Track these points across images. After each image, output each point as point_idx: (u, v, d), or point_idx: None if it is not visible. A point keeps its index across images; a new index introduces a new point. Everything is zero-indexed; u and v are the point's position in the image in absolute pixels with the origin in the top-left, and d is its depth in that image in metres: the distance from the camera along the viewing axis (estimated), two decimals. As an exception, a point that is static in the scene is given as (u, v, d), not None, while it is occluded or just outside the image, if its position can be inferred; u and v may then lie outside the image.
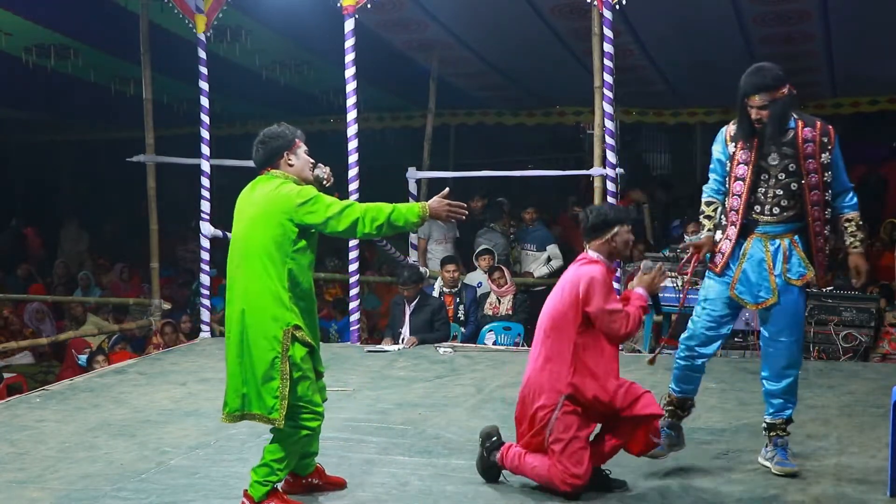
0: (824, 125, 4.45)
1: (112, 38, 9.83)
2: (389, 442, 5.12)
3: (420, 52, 10.84)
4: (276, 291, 3.94)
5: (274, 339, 3.93)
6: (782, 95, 4.37)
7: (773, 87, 4.38)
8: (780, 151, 4.42)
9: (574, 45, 9.98)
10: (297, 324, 3.96)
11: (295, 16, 8.95)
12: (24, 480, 4.54)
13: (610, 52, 7.53)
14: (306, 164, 4.18)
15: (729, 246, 4.52)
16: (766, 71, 4.46)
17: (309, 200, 3.96)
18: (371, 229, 3.91)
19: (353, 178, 8.18)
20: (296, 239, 3.97)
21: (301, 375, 3.96)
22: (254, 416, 4.02)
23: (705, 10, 8.96)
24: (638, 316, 4.28)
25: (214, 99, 8.88)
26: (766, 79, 4.40)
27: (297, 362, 3.95)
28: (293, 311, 3.97)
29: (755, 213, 4.49)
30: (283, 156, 4.12)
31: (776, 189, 4.43)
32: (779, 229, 4.47)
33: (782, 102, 4.37)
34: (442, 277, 8.85)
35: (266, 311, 3.94)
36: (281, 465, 3.98)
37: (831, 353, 7.52)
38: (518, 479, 4.39)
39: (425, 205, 4.00)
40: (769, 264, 4.45)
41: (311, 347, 4.03)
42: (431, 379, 6.77)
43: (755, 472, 4.49)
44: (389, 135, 14.55)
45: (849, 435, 5.11)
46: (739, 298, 4.52)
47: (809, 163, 4.39)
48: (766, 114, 4.37)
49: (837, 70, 11.30)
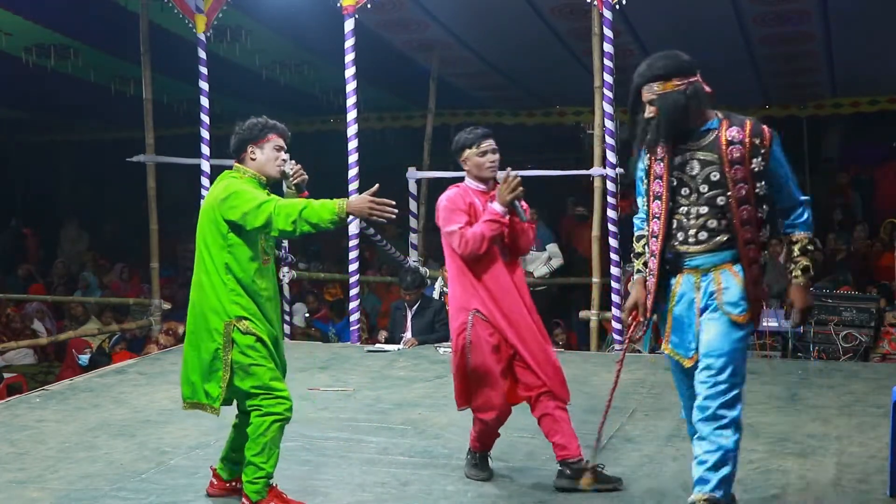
0: (756, 124, 3.56)
1: (112, 38, 9.84)
2: (389, 442, 5.12)
3: (420, 52, 10.84)
4: (216, 284, 3.99)
5: (215, 332, 3.99)
6: (676, 88, 3.51)
7: (662, 76, 3.53)
8: (700, 158, 3.56)
9: (574, 45, 9.98)
10: (240, 315, 3.98)
11: (295, 16, 8.96)
12: (24, 480, 4.54)
13: (610, 52, 7.53)
14: (271, 160, 4.10)
15: (652, 283, 3.68)
16: (658, 58, 3.59)
17: (230, 195, 3.95)
18: (285, 226, 3.83)
19: (353, 178, 8.18)
20: (226, 234, 3.98)
21: (251, 364, 3.97)
22: (203, 406, 4.10)
23: (705, 10, 8.96)
24: (478, 234, 4.20)
25: (214, 99, 8.88)
26: (653, 67, 3.55)
27: (246, 352, 3.97)
28: (237, 303, 3.99)
29: (678, 244, 3.61)
30: (246, 149, 4.10)
31: (700, 206, 3.57)
32: (712, 260, 3.58)
33: (675, 95, 3.50)
34: (443, 277, 8.85)
35: (207, 303, 4.02)
36: (262, 458, 3.98)
37: (831, 353, 7.52)
38: (520, 478, 4.38)
39: (343, 203, 3.85)
40: (698, 307, 3.61)
41: (262, 339, 4.01)
42: (431, 379, 6.77)
43: (755, 471, 4.49)
44: (389, 135, 14.55)
45: (849, 435, 5.10)
46: (674, 353, 3.71)
47: (736, 170, 3.50)
48: (654, 110, 3.55)
49: (837, 70, 11.30)
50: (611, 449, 4.90)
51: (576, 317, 9.13)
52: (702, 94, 3.54)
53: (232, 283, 3.99)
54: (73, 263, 13.53)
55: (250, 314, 4.00)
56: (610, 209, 7.64)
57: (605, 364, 6.99)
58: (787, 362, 7.34)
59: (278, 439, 4.03)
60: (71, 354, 9.05)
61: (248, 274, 4.01)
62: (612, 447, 4.93)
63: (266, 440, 3.97)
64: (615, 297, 7.57)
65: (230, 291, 3.98)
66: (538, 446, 4.97)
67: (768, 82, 12.07)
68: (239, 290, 3.99)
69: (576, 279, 9.77)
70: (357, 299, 8.43)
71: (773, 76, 11.74)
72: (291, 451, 4.95)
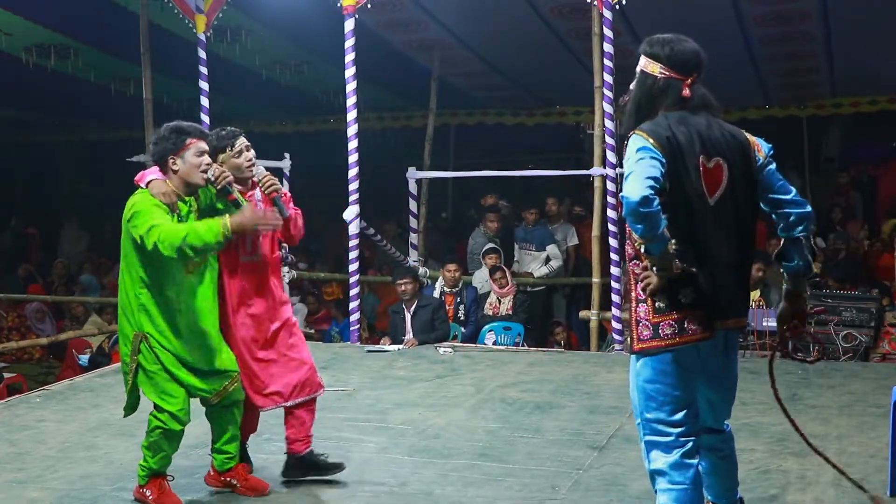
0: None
1: (112, 38, 9.84)
2: (389, 441, 5.12)
3: (420, 52, 10.84)
4: (130, 294, 4.07)
5: (126, 338, 4.10)
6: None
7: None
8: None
9: (574, 45, 9.99)
10: (147, 332, 4.03)
11: (295, 16, 8.96)
12: (24, 480, 4.54)
13: (610, 53, 7.53)
14: (194, 169, 3.99)
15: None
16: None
17: (132, 216, 3.98)
18: (171, 253, 3.84)
19: (354, 179, 8.18)
20: (140, 246, 3.98)
21: (147, 377, 4.06)
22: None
23: (705, 11, 8.96)
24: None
25: (214, 99, 8.88)
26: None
27: (145, 366, 4.06)
28: (146, 316, 4.04)
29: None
30: (167, 161, 4.04)
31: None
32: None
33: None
34: (443, 277, 8.85)
35: (123, 312, 4.13)
36: (149, 452, 4.12)
37: (831, 353, 7.52)
38: (521, 477, 4.39)
39: (227, 221, 3.83)
40: None
41: (160, 357, 4.05)
42: (431, 379, 6.77)
43: (755, 471, 4.49)
44: (390, 135, 14.55)
45: (849, 434, 5.11)
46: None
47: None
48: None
49: (837, 70, 11.31)
50: (610, 448, 4.90)
51: (576, 317, 9.15)
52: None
53: (144, 297, 4.03)
54: (73, 263, 13.53)
55: (158, 330, 4.04)
56: (610, 209, 7.65)
57: (605, 364, 6.99)
58: (786, 362, 7.32)
59: (165, 444, 4.11)
60: (71, 354, 9.05)
61: (162, 287, 4.04)
62: (612, 447, 4.93)
63: (153, 440, 4.10)
64: (615, 297, 7.57)
65: (140, 305, 4.04)
66: (538, 445, 4.97)
67: (768, 82, 12.07)
68: (150, 303, 4.03)
69: (577, 279, 9.76)
70: (357, 299, 8.43)
71: (773, 76, 11.74)
72: (291, 450, 4.96)
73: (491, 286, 8.88)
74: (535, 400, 5.98)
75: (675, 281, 3.16)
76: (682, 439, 3.25)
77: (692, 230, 3.19)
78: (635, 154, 3.14)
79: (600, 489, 4.31)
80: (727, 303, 3.26)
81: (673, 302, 3.18)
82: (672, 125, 3.22)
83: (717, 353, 3.35)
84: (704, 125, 3.27)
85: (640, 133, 3.19)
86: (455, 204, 15.00)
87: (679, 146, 3.18)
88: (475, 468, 4.63)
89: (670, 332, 3.21)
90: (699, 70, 3.33)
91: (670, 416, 3.24)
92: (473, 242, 9.98)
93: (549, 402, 5.91)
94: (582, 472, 4.54)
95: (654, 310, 3.22)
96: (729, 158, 3.26)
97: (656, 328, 3.22)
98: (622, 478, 4.40)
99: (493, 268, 8.98)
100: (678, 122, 3.24)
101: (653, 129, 3.21)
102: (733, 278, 3.29)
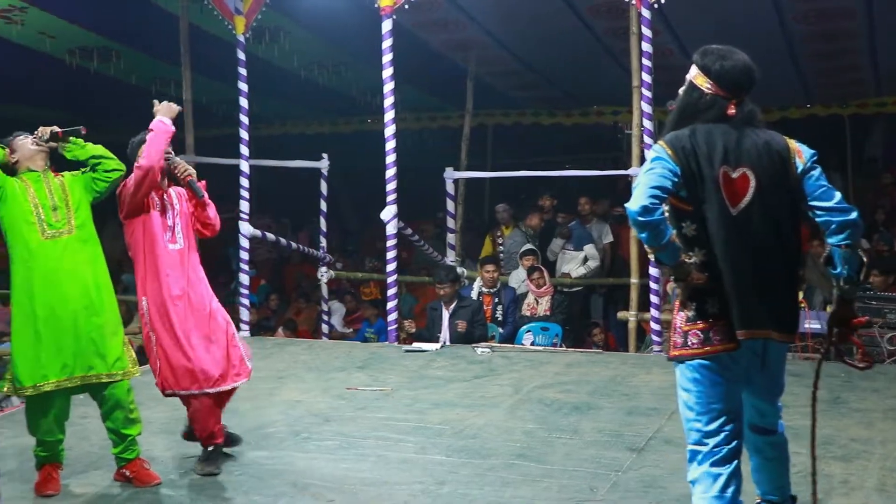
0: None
1: (152, 40, 9.95)
2: (427, 441, 5.12)
3: (457, 52, 10.84)
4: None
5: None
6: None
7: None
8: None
9: (612, 44, 9.93)
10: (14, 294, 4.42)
11: (333, 17, 9.00)
12: (67, 476, 4.60)
13: (648, 52, 7.47)
14: (24, 150, 4.66)
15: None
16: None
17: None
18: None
19: (391, 178, 8.19)
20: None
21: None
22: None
23: (745, 8, 8.87)
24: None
25: (253, 100, 8.95)
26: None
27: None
28: (15, 278, 4.43)
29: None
30: (14, 160, 4.60)
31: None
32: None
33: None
34: (481, 277, 8.84)
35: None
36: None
37: (876, 356, 7.40)
38: (559, 478, 4.36)
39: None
40: None
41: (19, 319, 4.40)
42: (469, 379, 6.76)
43: (798, 475, 4.39)
44: (427, 135, 14.58)
45: (893, 439, 5.01)
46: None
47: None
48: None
49: (882, 68, 11.12)
50: (649, 450, 4.86)
51: (614, 317, 9.09)
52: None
53: (14, 257, 4.40)
54: (113, 262, 13.66)
55: (22, 291, 4.36)
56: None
57: (643, 365, 6.94)
58: (830, 364, 7.23)
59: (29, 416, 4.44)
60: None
61: (20, 248, 4.39)
62: (651, 448, 4.89)
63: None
64: (654, 298, 7.51)
65: (12, 266, 4.40)
66: (576, 447, 4.95)
67: (810, 81, 11.91)
68: (16, 264, 4.39)
69: (615, 279, 9.71)
70: (395, 299, 8.44)
71: (814, 75, 11.58)
72: (330, 449, 4.98)
73: (528, 286, 8.86)
74: (573, 401, 5.95)
75: (702, 291, 3.18)
76: (715, 449, 3.24)
77: (711, 240, 3.18)
78: (648, 164, 3.21)
79: (639, 491, 4.28)
80: (754, 313, 3.20)
81: (701, 312, 3.21)
82: (696, 134, 3.22)
83: (757, 365, 3.30)
84: (735, 135, 3.24)
85: (661, 143, 3.25)
86: (492, 204, 14.98)
87: (696, 156, 3.18)
88: (513, 469, 4.61)
89: (696, 342, 3.23)
90: (749, 90, 3.31)
91: (706, 426, 3.24)
92: (511, 242, 9.97)
93: (587, 404, 5.88)
94: (620, 474, 4.51)
95: (687, 318, 3.25)
96: (758, 168, 3.21)
97: (686, 337, 3.25)
98: (661, 480, 4.36)
99: (530, 268, 8.95)
100: (706, 132, 3.23)
101: (673, 138, 3.23)
102: (765, 289, 3.21)
